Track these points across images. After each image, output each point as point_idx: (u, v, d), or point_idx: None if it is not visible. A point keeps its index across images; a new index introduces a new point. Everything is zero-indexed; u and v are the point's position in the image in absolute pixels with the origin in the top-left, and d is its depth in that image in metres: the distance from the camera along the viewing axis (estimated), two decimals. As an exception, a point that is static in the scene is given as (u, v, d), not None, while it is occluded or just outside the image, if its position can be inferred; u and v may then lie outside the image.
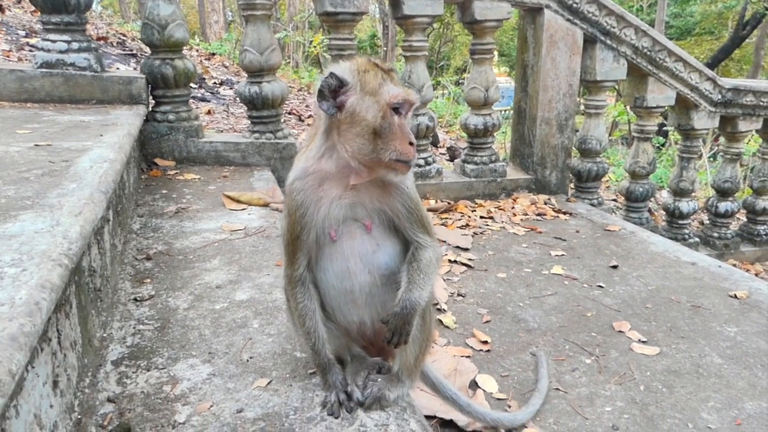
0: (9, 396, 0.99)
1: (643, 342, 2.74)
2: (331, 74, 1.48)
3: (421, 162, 4.90)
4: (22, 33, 7.61)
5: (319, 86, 1.48)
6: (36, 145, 2.59)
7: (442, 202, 4.86)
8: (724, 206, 5.95)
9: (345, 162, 1.52)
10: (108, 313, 2.09)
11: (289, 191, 1.58)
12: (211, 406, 1.66)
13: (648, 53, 5.14)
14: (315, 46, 17.09)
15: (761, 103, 5.55)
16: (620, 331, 2.84)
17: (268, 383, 1.79)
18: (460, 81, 19.73)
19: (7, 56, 6.30)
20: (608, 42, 5.06)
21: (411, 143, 1.47)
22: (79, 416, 1.57)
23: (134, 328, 2.08)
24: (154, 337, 2.03)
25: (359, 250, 1.59)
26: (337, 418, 1.60)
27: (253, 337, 2.06)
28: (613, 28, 5.01)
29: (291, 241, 1.59)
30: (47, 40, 3.85)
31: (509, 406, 2.27)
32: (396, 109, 1.48)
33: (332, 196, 1.55)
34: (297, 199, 1.55)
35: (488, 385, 2.38)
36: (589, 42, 5.08)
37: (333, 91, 1.48)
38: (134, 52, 9.34)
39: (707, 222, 6.24)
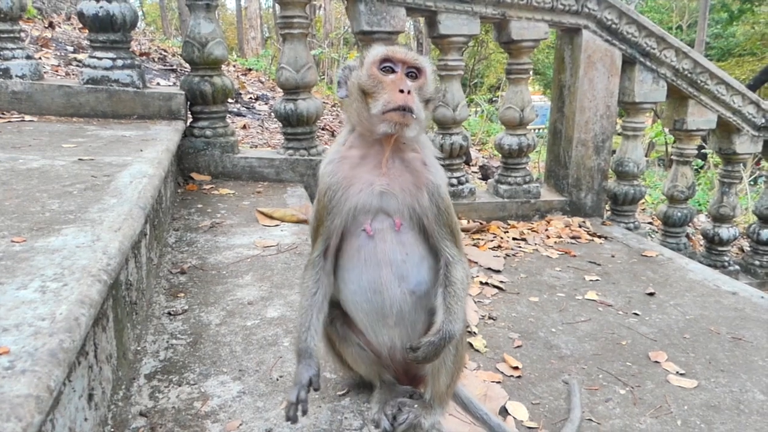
0: (47, 412, 1.01)
1: (681, 374, 2.65)
2: (345, 66, 1.60)
3: (454, 181, 4.88)
4: (71, 48, 7.91)
5: (338, 78, 1.59)
6: (80, 159, 2.67)
7: (474, 222, 4.83)
8: (766, 233, 5.75)
9: (367, 140, 1.54)
10: (142, 327, 2.13)
11: (321, 175, 1.58)
12: (241, 424, 1.66)
13: (689, 75, 5.05)
14: (350, 63, 17.26)
15: (807, 128, 5.37)
16: (656, 362, 2.75)
17: (297, 403, 1.78)
18: (494, 99, 19.68)
19: (56, 71, 6.55)
20: (648, 63, 4.99)
21: (401, 90, 1.44)
22: (112, 429, 1.59)
23: (167, 342, 2.10)
24: (186, 351, 2.05)
25: (390, 257, 1.53)
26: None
27: (284, 355, 2.06)
28: (653, 49, 4.94)
29: (316, 227, 1.59)
30: (93, 57, 3.99)
31: (540, 436, 2.22)
32: (387, 69, 1.49)
33: (364, 181, 1.53)
34: (327, 181, 1.55)
35: (519, 412, 2.33)
36: (628, 63, 5.01)
37: (346, 79, 1.58)
38: (174, 67, 9.60)
39: (748, 249, 6.04)
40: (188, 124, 4.39)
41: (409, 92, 1.44)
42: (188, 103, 4.33)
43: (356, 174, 1.53)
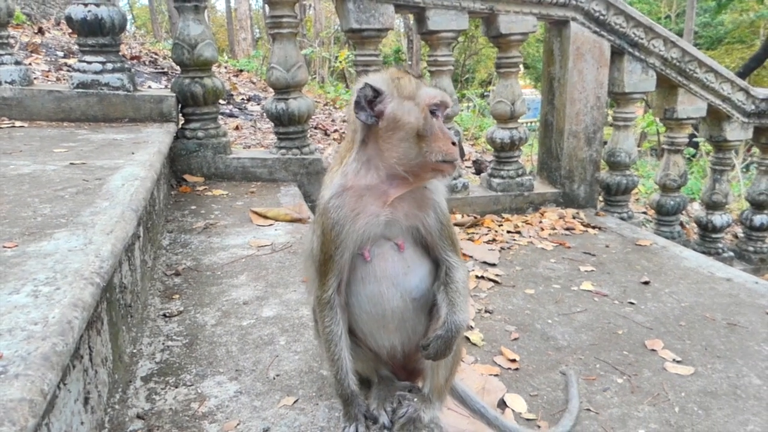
0: (41, 415, 1.01)
1: (677, 361, 2.67)
2: (366, 84, 1.47)
3: (447, 176, 4.88)
4: (61, 54, 7.87)
5: (356, 97, 1.47)
6: (71, 163, 2.66)
7: (468, 216, 4.83)
8: (759, 219, 5.78)
9: (385, 173, 1.49)
10: (138, 329, 2.12)
11: (325, 209, 1.52)
12: (238, 424, 1.67)
13: (677, 64, 5.06)
14: (340, 62, 17.31)
15: (797, 114, 5.40)
16: (653, 350, 2.76)
17: (295, 402, 1.79)
18: (485, 93, 19.71)
19: (47, 76, 6.51)
20: (636, 53, 5.00)
21: (453, 143, 1.47)
22: (109, 433, 1.59)
23: (163, 344, 2.10)
24: (182, 353, 2.05)
25: (391, 273, 1.55)
26: None
27: (280, 354, 2.06)
28: (641, 39, 4.95)
29: (324, 262, 1.54)
30: (83, 61, 3.97)
31: (539, 427, 2.22)
32: (433, 112, 1.48)
33: (370, 213, 1.51)
34: (333, 217, 1.50)
35: (517, 404, 2.33)
36: (617, 54, 5.03)
37: (369, 102, 1.47)
38: (165, 70, 9.57)
39: (742, 235, 6.07)
40: (180, 126, 4.38)
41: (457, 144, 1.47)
42: (179, 105, 4.32)
43: (361, 206, 1.51)
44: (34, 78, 4.24)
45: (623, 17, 4.88)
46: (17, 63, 3.92)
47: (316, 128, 9.61)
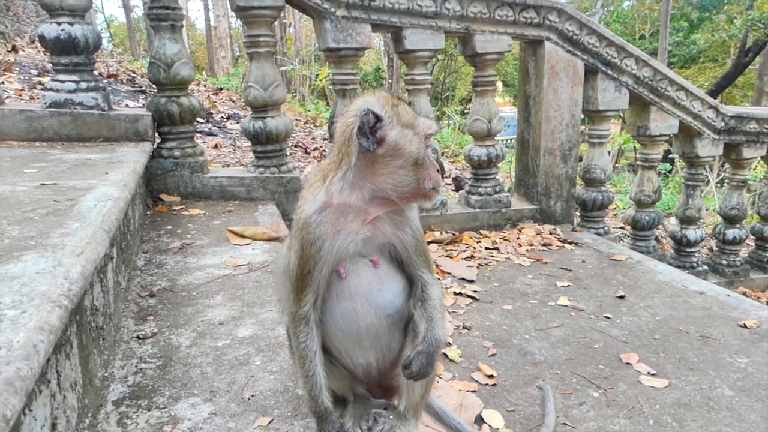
0: (3, 442, 0.99)
1: (652, 374, 2.69)
2: (368, 111, 1.46)
3: (426, 193, 4.91)
4: (35, 72, 7.80)
5: (358, 124, 1.46)
6: (42, 184, 2.62)
7: (446, 233, 4.86)
8: (731, 233, 5.90)
9: (370, 195, 1.52)
10: (110, 352, 2.09)
11: (306, 224, 1.52)
12: (211, 446, 1.64)
13: (649, 82, 5.18)
14: (321, 80, 17.39)
15: (765, 130, 5.56)
16: (628, 363, 2.79)
17: (270, 422, 1.77)
18: (465, 111, 19.93)
19: (20, 95, 6.44)
20: (609, 72, 5.12)
21: (438, 170, 1.54)
22: (78, 459, 1.56)
23: (136, 366, 2.07)
24: (155, 375, 2.02)
25: (365, 289, 1.56)
26: None
27: (255, 374, 2.05)
28: (614, 58, 5.07)
29: (301, 277, 1.54)
30: (56, 80, 3.94)
31: (516, 443, 2.22)
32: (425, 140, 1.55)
33: (349, 231, 1.52)
34: (314, 232, 1.51)
35: (494, 420, 2.34)
36: (591, 72, 5.14)
37: (371, 128, 1.47)
38: (143, 88, 9.53)
39: (716, 249, 6.19)
40: (156, 145, 4.35)
41: None
42: (156, 124, 4.30)
43: (342, 223, 1.52)
44: (6, 97, 4.19)
45: (596, 37, 5.00)
46: (-10, 82, 3.88)
47: (296, 146, 9.62)
